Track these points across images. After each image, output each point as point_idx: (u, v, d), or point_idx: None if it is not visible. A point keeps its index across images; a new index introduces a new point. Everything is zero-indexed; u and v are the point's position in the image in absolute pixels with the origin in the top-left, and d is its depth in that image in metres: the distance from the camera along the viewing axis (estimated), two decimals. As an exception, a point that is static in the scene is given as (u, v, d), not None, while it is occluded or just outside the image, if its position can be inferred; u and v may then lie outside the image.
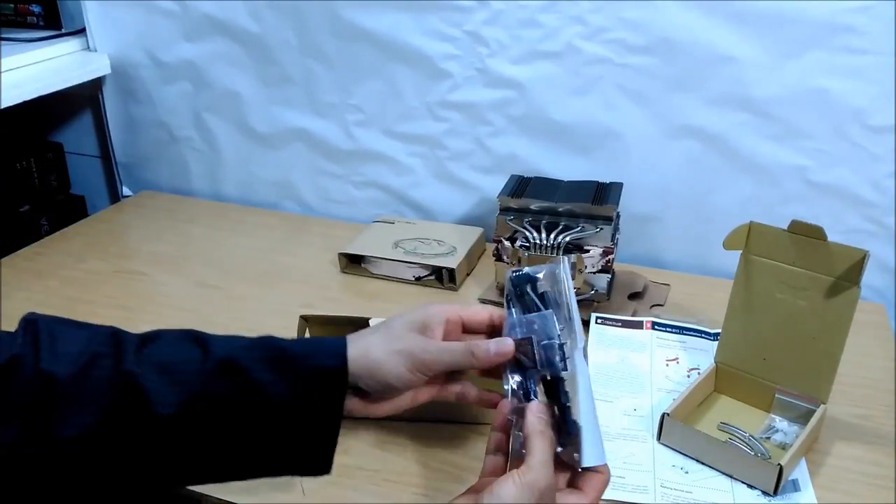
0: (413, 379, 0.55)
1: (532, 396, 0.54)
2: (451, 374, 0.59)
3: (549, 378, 0.54)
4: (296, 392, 0.52)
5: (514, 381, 0.55)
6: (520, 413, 0.53)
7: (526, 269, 0.59)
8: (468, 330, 0.60)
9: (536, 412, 0.52)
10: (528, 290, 0.58)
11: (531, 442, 0.50)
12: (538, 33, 1.06)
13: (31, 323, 0.52)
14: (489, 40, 1.09)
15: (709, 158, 1.05)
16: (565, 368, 0.53)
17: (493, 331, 0.59)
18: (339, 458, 0.72)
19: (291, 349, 0.54)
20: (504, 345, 0.55)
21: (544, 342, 0.55)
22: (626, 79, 1.04)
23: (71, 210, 1.44)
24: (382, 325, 0.58)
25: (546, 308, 0.56)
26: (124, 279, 1.09)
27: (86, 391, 0.50)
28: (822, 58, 0.95)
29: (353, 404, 0.55)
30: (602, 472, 0.52)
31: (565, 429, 0.52)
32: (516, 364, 0.56)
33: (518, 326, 0.57)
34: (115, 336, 0.53)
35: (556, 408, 0.53)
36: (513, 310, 0.58)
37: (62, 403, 0.49)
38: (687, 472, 0.72)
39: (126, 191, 1.42)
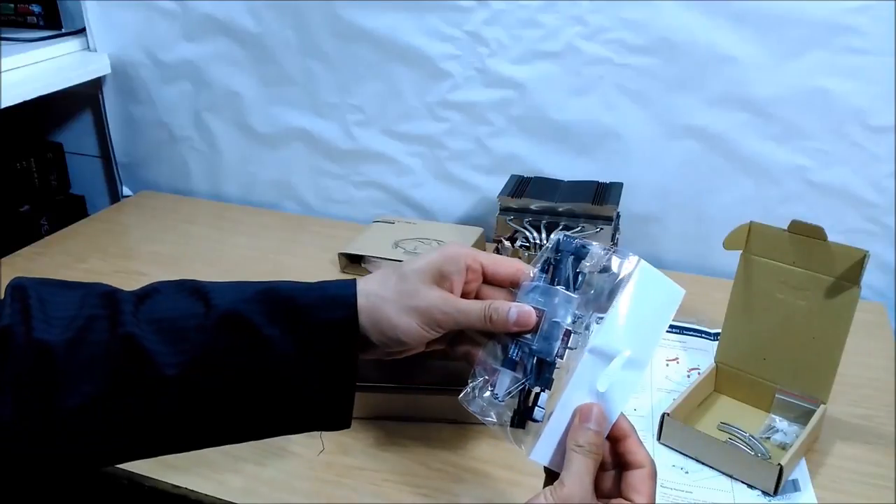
0: (424, 335, 0.52)
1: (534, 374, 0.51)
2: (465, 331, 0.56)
3: (543, 359, 0.51)
4: (303, 346, 0.50)
5: (512, 348, 0.52)
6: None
7: (579, 241, 0.53)
8: (489, 281, 0.56)
9: (582, 419, 0.48)
10: (569, 262, 0.53)
11: (570, 454, 0.47)
12: (538, 33, 1.06)
13: (19, 289, 0.50)
14: (489, 40, 1.09)
15: (709, 158, 1.05)
16: (560, 356, 0.51)
17: (516, 287, 0.55)
18: (339, 458, 0.73)
19: (297, 299, 0.51)
20: (526, 315, 0.51)
21: (554, 319, 0.52)
22: (627, 79, 1.04)
23: (71, 210, 1.44)
24: (395, 274, 0.54)
25: (575, 290, 0.53)
26: (124, 279, 1.09)
27: (84, 358, 0.47)
28: (823, 58, 0.95)
29: (361, 353, 0.53)
30: (645, 465, 0.48)
31: (529, 411, 0.51)
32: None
33: (538, 293, 0.53)
34: (109, 296, 0.51)
35: (535, 389, 0.51)
36: (543, 274, 0.54)
37: (60, 373, 0.47)
38: (687, 472, 0.72)
39: (126, 191, 1.42)
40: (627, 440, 0.49)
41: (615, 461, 0.50)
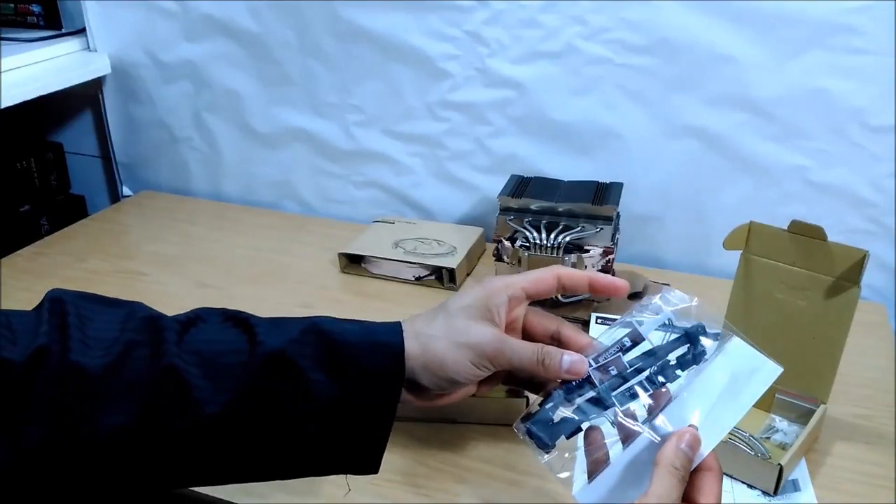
0: (479, 373, 0.52)
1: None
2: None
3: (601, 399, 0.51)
4: (347, 393, 0.49)
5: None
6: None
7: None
8: (533, 298, 0.56)
9: (680, 441, 0.47)
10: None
11: (660, 472, 0.45)
12: (538, 33, 1.06)
13: (58, 302, 0.48)
14: (489, 40, 1.09)
15: (709, 158, 1.05)
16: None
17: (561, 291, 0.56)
18: (339, 458, 0.73)
19: (343, 343, 0.50)
20: (578, 364, 0.51)
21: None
22: (626, 79, 1.04)
23: (71, 210, 1.44)
24: (442, 312, 0.54)
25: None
26: (124, 279, 1.09)
27: (121, 385, 0.46)
28: (822, 58, 0.95)
29: (409, 398, 0.52)
30: (712, 467, 0.47)
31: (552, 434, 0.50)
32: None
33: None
34: (152, 322, 0.49)
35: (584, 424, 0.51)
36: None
37: (94, 398, 0.45)
38: (687, 472, 0.72)
39: (126, 191, 1.42)
40: None
41: None
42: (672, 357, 0.51)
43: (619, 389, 0.51)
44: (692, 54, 1.00)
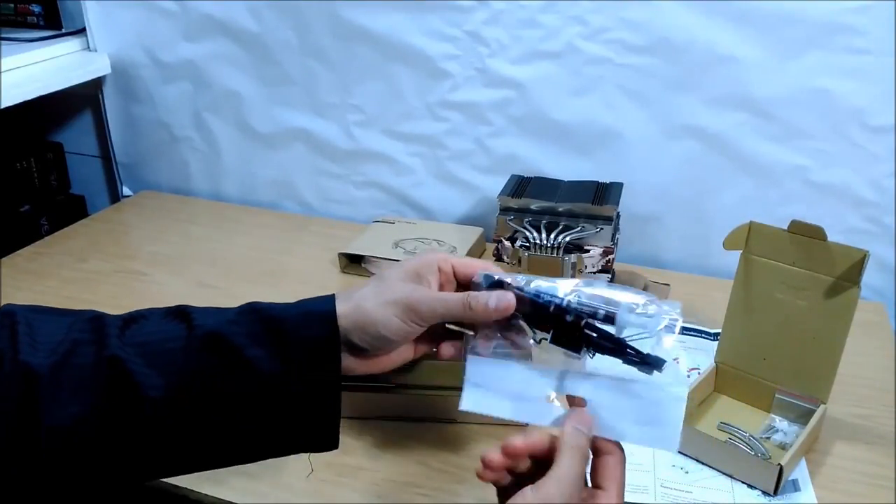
0: (407, 329, 0.53)
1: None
2: (449, 332, 0.58)
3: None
4: (287, 365, 0.50)
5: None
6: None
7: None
8: (460, 281, 0.57)
9: (576, 422, 0.48)
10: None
11: (561, 454, 0.47)
12: (538, 33, 1.06)
13: (8, 315, 0.51)
14: (489, 40, 1.09)
15: (709, 158, 1.05)
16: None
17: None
18: (339, 458, 0.73)
19: (278, 318, 0.52)
20: (505, 299, 0.52)
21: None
22: (627, 79, 1.04)
23: (71, 210, 1.44)
24: (375, 277, 0.56)
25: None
26: (124, 279, 1.09)
27: (69, 380, 0.48)
28: (823, 58, 0.95)
29: (350, 363, 0.53)
30: (613, 452, 0.48)
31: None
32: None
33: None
34: (96, 320, 0.52)
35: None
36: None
37: (44, 395, 0.47)
38: (687, 472, 0.72)
39: (126, 191, 1.42)
40: None
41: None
42: (621, 358, 0.51)
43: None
44: (692, 54, 1.00)
